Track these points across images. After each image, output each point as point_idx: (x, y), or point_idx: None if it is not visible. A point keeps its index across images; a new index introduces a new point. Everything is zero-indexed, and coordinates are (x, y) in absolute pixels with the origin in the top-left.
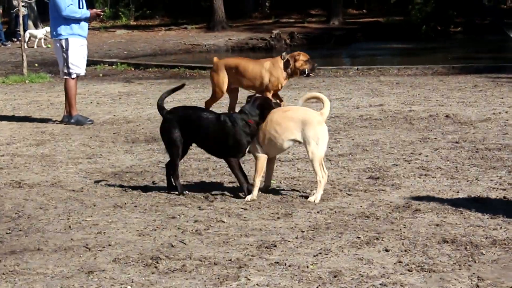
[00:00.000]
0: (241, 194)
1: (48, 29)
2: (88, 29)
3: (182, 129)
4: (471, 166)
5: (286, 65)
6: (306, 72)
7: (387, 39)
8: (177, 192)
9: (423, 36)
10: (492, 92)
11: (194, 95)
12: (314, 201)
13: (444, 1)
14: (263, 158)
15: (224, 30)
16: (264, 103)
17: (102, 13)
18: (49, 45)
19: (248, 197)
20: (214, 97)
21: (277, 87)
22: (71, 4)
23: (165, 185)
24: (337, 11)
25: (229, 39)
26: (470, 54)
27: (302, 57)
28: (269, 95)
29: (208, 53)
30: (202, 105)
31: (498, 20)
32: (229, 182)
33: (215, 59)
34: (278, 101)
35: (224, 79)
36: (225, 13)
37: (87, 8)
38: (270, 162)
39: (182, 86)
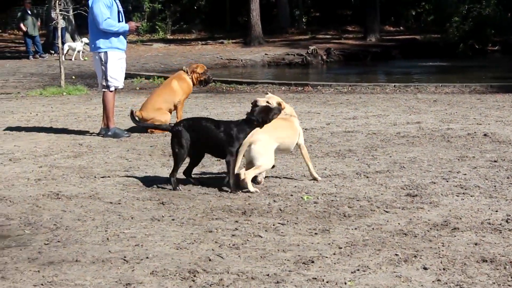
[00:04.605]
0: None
1: (85, 40)
2: (126, 42)
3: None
4: (510, 185)
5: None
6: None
7: (424, 56)
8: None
9: (460, 54)
10: None
11: (231, 109)
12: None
13: (482, 20)
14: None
15: (260, 46)
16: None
17: (140, 26)
18: (86, 58)
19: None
20: None
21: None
22: (108, 17)
23: (201, 197)
24: (374, 28)
25: (266, 54)
26: (508, 73)
27: (199, 69)
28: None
29: (244, 68)
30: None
31: None
32: (267, 197)
33: None
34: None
35: None
36: (261, 28)
37: (126, 22)
38: None
39: None
